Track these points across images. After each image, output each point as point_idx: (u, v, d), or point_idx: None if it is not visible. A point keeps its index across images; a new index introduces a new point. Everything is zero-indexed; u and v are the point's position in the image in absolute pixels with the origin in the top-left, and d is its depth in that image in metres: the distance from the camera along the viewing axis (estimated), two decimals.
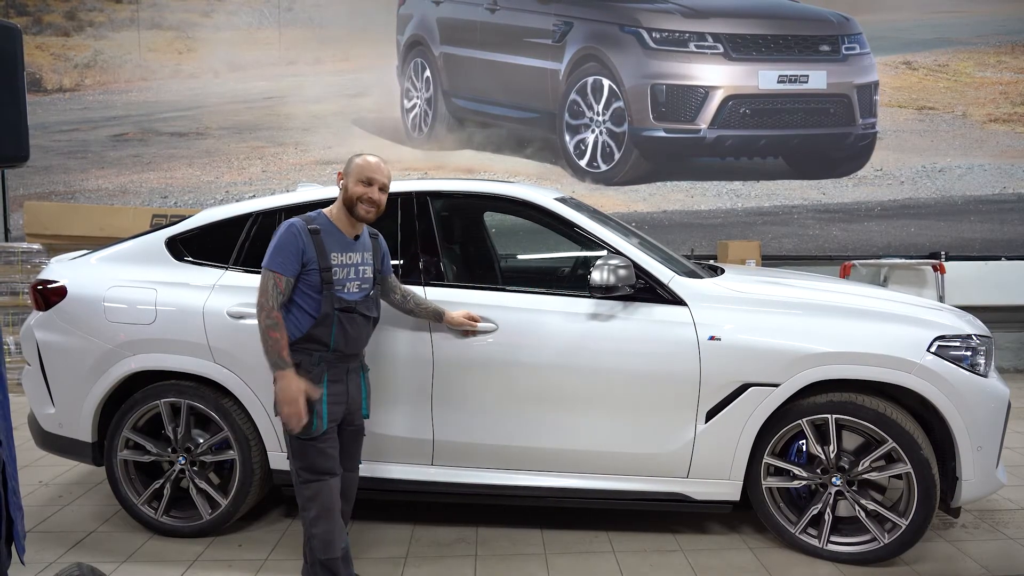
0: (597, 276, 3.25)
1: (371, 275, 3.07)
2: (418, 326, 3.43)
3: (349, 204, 2.98)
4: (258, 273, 3.66)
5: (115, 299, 3.62)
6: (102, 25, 7.57)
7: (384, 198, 3.02)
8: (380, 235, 3.20)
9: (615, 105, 7.05)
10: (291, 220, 2.94)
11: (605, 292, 3.28)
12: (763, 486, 3.42)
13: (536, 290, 3.53)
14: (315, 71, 7.54)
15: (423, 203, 3.63)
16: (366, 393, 3.14)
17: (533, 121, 7.35)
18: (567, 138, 7.29)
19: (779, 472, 3.42)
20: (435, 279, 3.53)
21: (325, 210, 3.05)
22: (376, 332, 3.48)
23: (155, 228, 3.92)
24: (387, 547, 3.57)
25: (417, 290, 3.47)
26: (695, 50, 6.88)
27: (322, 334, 2.90)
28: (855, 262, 7.07)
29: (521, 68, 7.28)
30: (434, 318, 3.37)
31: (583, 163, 7.30)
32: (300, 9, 7.54)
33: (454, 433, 3.46)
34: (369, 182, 2.96)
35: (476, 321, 3.38)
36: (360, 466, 3.25)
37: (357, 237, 3.03)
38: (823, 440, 3.36)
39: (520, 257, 5.10)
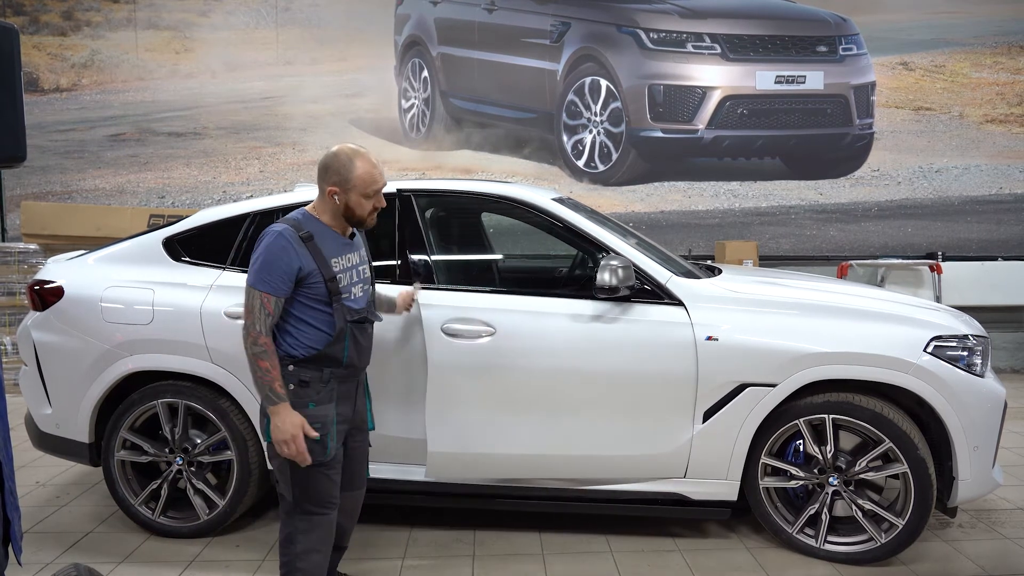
0: (604, 277, 3.23)
1: (369, 273, 2.82)
2: (413, 329, 3.41)
3: (354, 221, 2.65)
4: None
5: (112, 299, 3.62)
6: (99, 25, 7.56)
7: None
8: None
9: (613, 105, 7.06)
10: (278, 228, 2.56)
11: (610, 293, 3.27)
12: (760, 486, 3.42)
13: (533, 292, 3.52)
14: (313, 71, 7.54)
15: (420, 203, 3.63)
16: (370, 404, 2.94)
17: (531, 121, 7.35)
18: (565, 138, 7.29)
19: (776, 472, 3.43)
20: (430, 281, 3.51)
21: (309, 208, 2.68)
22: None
23: (152, 228, 3.92)
24: (385, 548, 3.57)
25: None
26: (692, 50, 6.89)
27: (336, 351, 2.61)
28: (852, 262, 7.08)
29: (519, 68, 7.28)
30: (388, 310, 3.13)
31: (581, 163, 7.31)
32: (297, 9, 7.54)
33: (449, 437, 3.45)
34: (376, 192, 2.64)
35: (410, 292, 3.17)
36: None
37: (352, 235, 2.75)
38: (820, 440, 3.36)
39: (517, 258, 5.10)
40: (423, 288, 3.39)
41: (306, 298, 2.58)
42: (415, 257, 3.53)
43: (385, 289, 3.20)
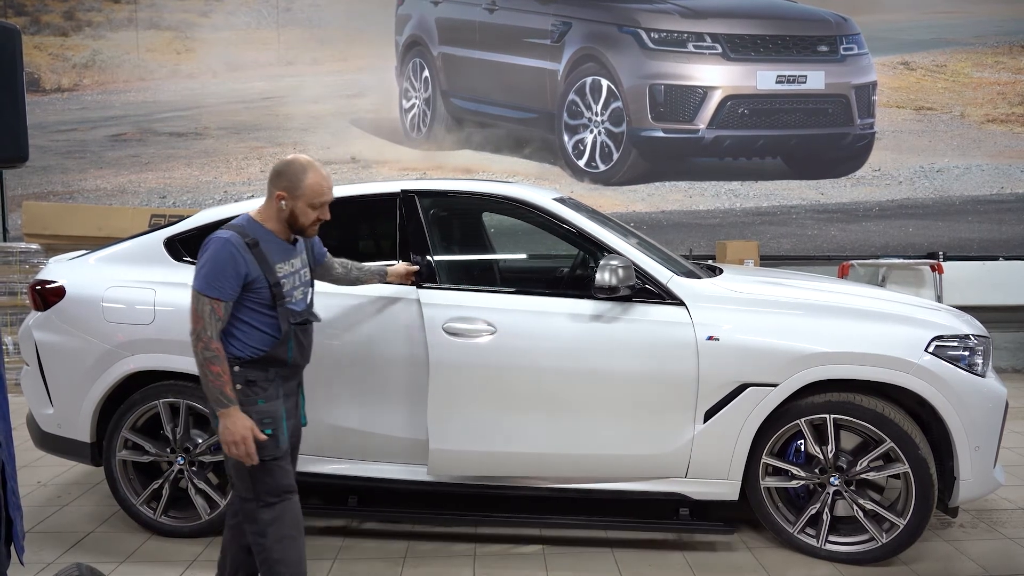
0: (603, 277, 3.24)
1: (309, 276, 2.91)
2: (414, 330, 3.41)
3: (297, 228, 2.73)
4: None
5: (114, 299, 3.62)
6: (100, 25, 7.56)
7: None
8: None
9: (614, 105, 7.06)
10: (224, 234, 2.62)
11: (609, 293, 3.27)
12: (761, 486, 3.42)
13: (534, 291, 3.53)
14: (313, 71, 7.54)
15: (422, 203, 3.63)
16: (303, 400, 3.00)
17: (532, 121, 7.35)
18: (566, 138, 7.29)
19: (777, 472, 3.43)
20: (432, 281, 3.52)
21: (252, 213, 2.75)
22: (373, 335, 3.47)
23: (154, 228, 3.92)
24: (386, 547, 3.57)
25: (409, 291, 3.45)
26: (693, 50, 6.89)
27: (281, 352, 2.71)
28: (853, 262, 7.08)
29: (520, 68, 7.28)
30: (379, 279, 3.34)
31: (582, 163, 7.30)
32: (298, 9, 7.54)
33: (450, 434, 3.45)
34: (322, 204, 2.72)
35: (414, 269, 3.39)
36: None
37: (294, 241, 2.81)
38: (821, 440, 3.36)
39: (518, 258, 5.10)
40: (428, 288, 3.42)
41: (252, 302, 2.65)
42: (417, 256, 3.53)
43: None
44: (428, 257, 3.53)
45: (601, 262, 3.29)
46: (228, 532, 2.93)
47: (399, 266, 3.43)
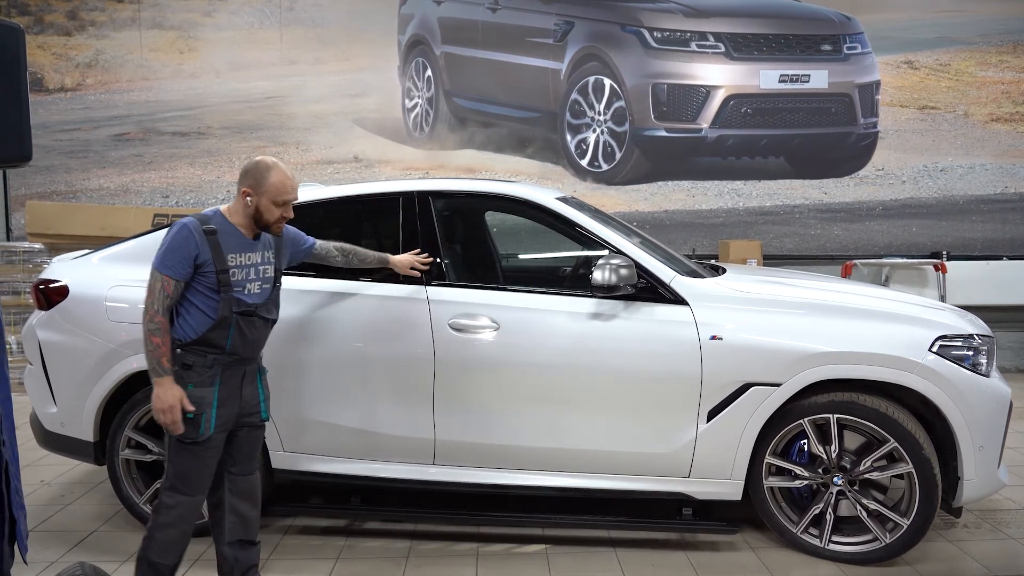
0: (598, 275, 3.25)
1: (272, 275, 2.96)
2: (420, 326, 3.43)
3: (262, 225, 2.86)
4: None
5: (117, 299, 3.62)
6: (104, 25, 7.57)
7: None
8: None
9: (616, 105, 7.05)
10: (184, 220, 2.80)
11: (607, 292, 3.28)
12: (765, 486, 3.42)
13: (538, 290, 3.53)
14: (316, 71, 7.54)
15: (424, 203, 3.63)
16: (264, 395, 3.01)
17: (534, 121, 7.34)
18: (568, 138, 7.29)
19: (781, 472, 3.42)
20: (436, 279, 3.53)
21: (223, 208, 2.89)
22: (377, 332, 3.48)
23: (157, 228, 3.92)
24: (389, 546, 3.57)
25: (415, 289, 3.46)
26: (696, 49, 6.88)
27: (218, 337, 2.79)
28: (856, 262, 7.07)
29: (522, 67, 7.28)
30: (380, 264, 3.44)
31: (584, 163, 7.30)
32: (301, 9, 7.55)
33: (456, 433, 3.46)
34: (286, 203, 2.84)
35: (424, 261, 3.45)
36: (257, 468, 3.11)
37: (257, 236, 2.90)
38: (825, 440, 3.35)
39: (522, 257, 5.10)
40: (437, 285, 3.48)
41: (201, 285, 2.79)
42: (428, 255, 3.54)
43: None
44: (438, 255, 3.55)
45: (599, 261, 3.29)
46: (212, 529, 3.05)
47: (406, 256, 3.47)
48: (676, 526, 3.54)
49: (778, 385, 3.27)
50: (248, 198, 2.83)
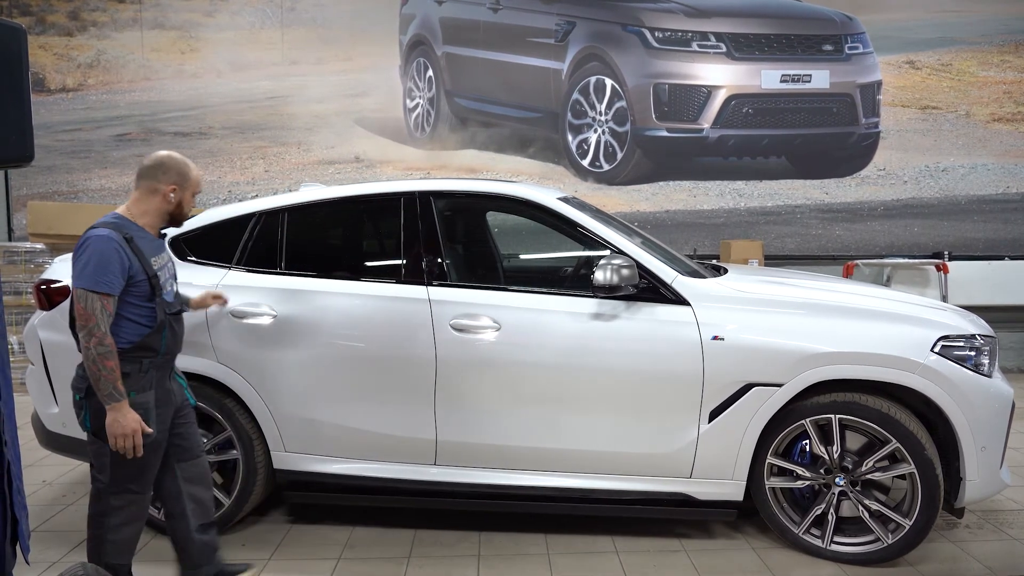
0: (600, 276, 3.25)
1: (174, 268, 3.00)
2: (421, 327, 3.43)
3: (179, 219, 2.91)
4: (262, 273, 3.67)
5: None
6: (105, 25, 7.58)
7: None
8: None
9: (618, 105, 7.05)
10: (103, 233, 2.70)
11: (608, 292, 3.28)
12: (766, 486, 3.41)
13: (539, 290, 3.53)
14: (318, 71, 7.54)
15: (426, 203, 3.63)
16: (185, 383, 3.05)
17: (536, 121, 7.34)
18: (570, 138, 7.29)
19: (782, 472, 3.42)
20: (438, 279, 3.53)
21: (120, 211, 2.85)
22: (378, 332, 3.48)
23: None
24: (390, 547, 3.57)
25: (416, 290, 3.47)
26: (698, 49, 6.88)
27: (154, 342, 2.79)
28: (858, 262, 7.06)
29: (524, 68, 7.28)
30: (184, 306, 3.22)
31: (586, 163, 7.30)
32: (303, 9, 7.55)
33: (457, 433, 3.46)
34: (196, 193, 2.94)
35: (219, 297, 3.36)
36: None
37: (160, 235, 2.93)
38: (826, 440, 3.35)
39: (523, 257, 5.10)
40: (438, 286, 3.42)
41: (131, 296, 2.74)
42: (424, 256, 3.54)
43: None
44: (439, 255, 3.54)
45: (601, 261, 3.29)
46: (170, 522, 3.04)
47: (199, 297, 3.30)
48: (673, 515, 3.53)
49: (780, 385, 3.27)
50: (173, 194, 2.84)
